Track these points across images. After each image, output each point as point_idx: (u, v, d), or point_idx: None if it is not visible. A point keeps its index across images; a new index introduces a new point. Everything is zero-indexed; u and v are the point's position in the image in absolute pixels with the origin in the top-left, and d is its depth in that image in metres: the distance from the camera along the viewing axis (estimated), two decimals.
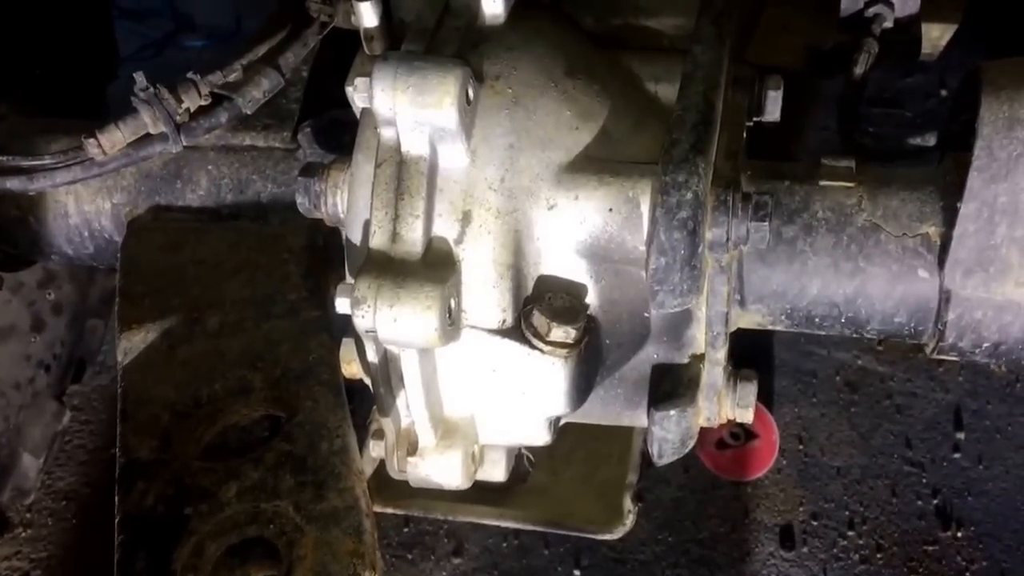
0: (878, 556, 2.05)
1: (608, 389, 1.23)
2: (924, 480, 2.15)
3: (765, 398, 2.27)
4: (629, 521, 1.31)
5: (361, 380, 1.24)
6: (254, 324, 1.16)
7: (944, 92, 2.81)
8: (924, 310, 1.13)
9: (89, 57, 2.01)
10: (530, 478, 1.44)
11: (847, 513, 2.11)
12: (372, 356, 1.10)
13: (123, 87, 1.30)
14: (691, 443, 1.22)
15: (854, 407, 2.28)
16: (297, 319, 1.17)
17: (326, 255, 1.26)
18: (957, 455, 2.18)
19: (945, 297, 1.11)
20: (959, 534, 2.07)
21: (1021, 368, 1.13)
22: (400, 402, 1.13)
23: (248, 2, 3.15)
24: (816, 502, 2.13)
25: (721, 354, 1.18)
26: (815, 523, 2.10)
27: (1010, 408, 2.23)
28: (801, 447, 2.22)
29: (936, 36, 1.65)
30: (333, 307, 1.07)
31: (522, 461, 1.47)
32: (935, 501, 2.12)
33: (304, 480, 0.97)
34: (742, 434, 2.22)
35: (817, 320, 1.18)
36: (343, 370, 1.21)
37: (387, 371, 1.11)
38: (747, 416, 1.23)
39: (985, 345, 1.12)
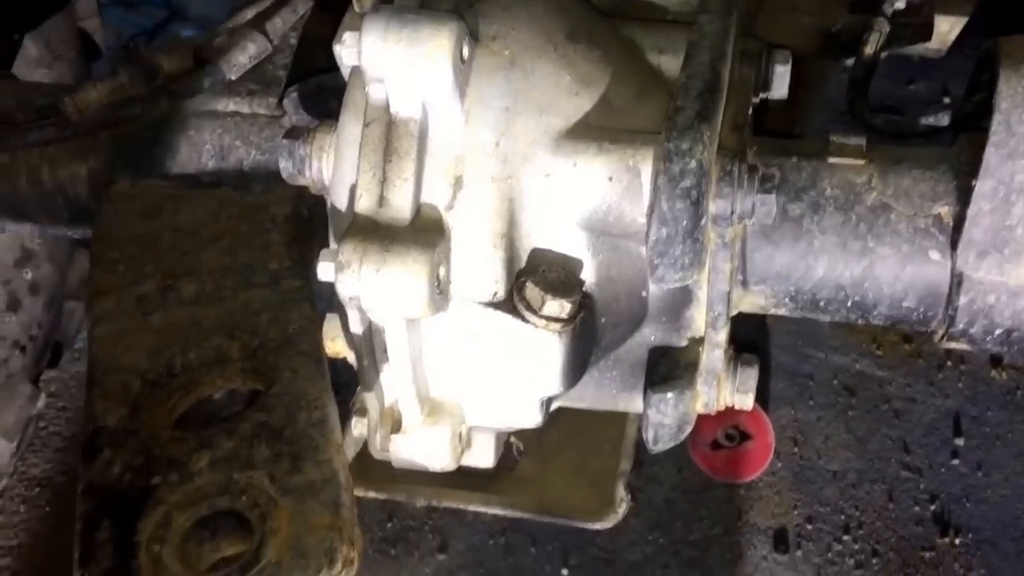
0: (874, 561, 2.00)
1: (603, 371, 1.18)
2: (922, 486, 2.11)
3: (761, 400, 2.23)
4: (621, 510, 1.26)
5: (345, 359, 1.19)
6: (232, 293, 1.10)
7: (947, 99, 2.78)
8: (934, 294, 1.08)
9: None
10: (518, 467, 1.38)
11: (843, 517, 2.07)
12: (356, 327, 1.04)
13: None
14: (688, 429, 1.16)
15: (851, 411, 2.24)
16: (278, 289, 1.11)
17: (310, 226, 1.20)
18: (956, 461, 2.13)
19: (957, 280, 1.06)
20: (957, 541, 2.02)
21: None
22: (384, 377, 1.07)
23: None
24: (811, 505, 2.09)
25: (721, 336, 1.13)
26: (810, 527, 2.05)
27: (1010, 415, 2.19)
28: (796, 450, 2.18)
29: (945, 31, 1.60)
30: (316, 278, 1.02)
31: (510, 450, 1.42)
32: (933, 507, 2.07)
33: (280, 451, 0.92)
34: (737, 435, 2.18)
35: (822, 303, 1.13)
36: (327, 347, 1.16)
37: (371, 344, 1.05)
38: (747, 402, 1.17)
39: (997, 332, 1.07)
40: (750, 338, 2.31)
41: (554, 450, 1.40)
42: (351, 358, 1.17)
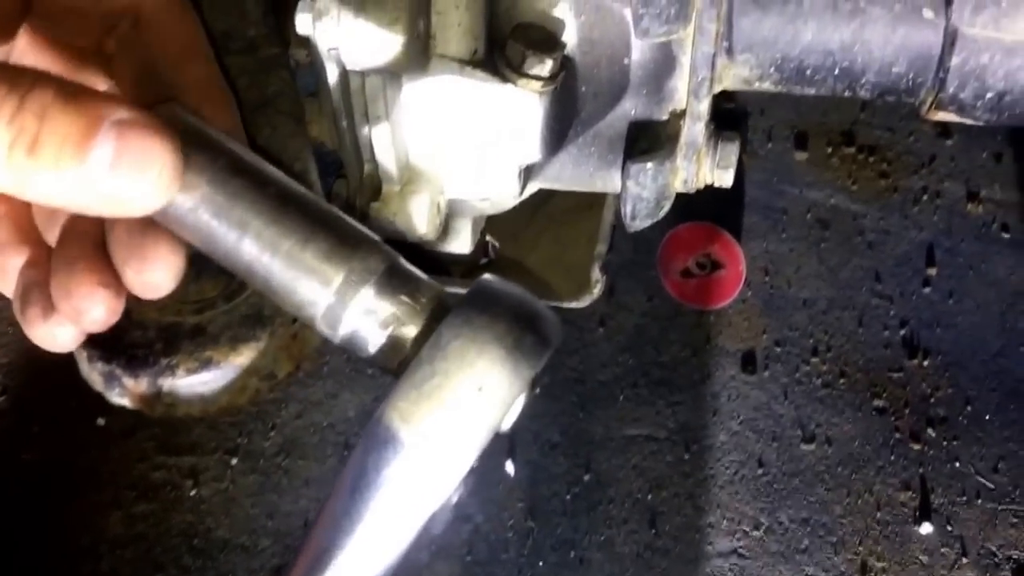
0: (841, 381, 2.03)
1: (582, 147, 1.15)
2: (892, 312, 2.12)
3: (733, 232, 2.22)
4: (597, 290, 1.25)
5: (323, 145, 1.16)
6: None
7: None
8: (925, 56, 1.05)
9: None
10: (494, 263, 1.37)
11: (811, 341, 2.08)
12: (334, 83, 1.01)
13: None
14: (667, 205, 1.15)
15: (824, 243, 2.23)
16: (256, 56, 1.07)
17: None
18: (928, 290, 2.14)
19: (950, 39, 1.03)
20: (925, 363, 2.05)
21: (1022, 123, 1.06)
22: (363, 140, 1.04)
23: None
24: (780, 330, 2.10)
25: (704, 106, 1.10)
26: (778, 349, 2.07)
27: (985, 247, 2.19)
28: (767, 279, 2.18)
29: None
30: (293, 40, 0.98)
31: (486, 247, 1.40)
32: (902, 332, 2.09)
33: None
34: (708, 264, 2.18)
35: (809, 72, 1.10)
36: None
37: (350, 104, 1.02)
38: (726, 179, 1.16)
39: (988, 96, 1.05)
40: None
41: (530, 245, 1.38)
42: (330, 142, 1.14)
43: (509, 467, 1.85)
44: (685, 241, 2.20)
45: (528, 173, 1.11)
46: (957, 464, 1.93)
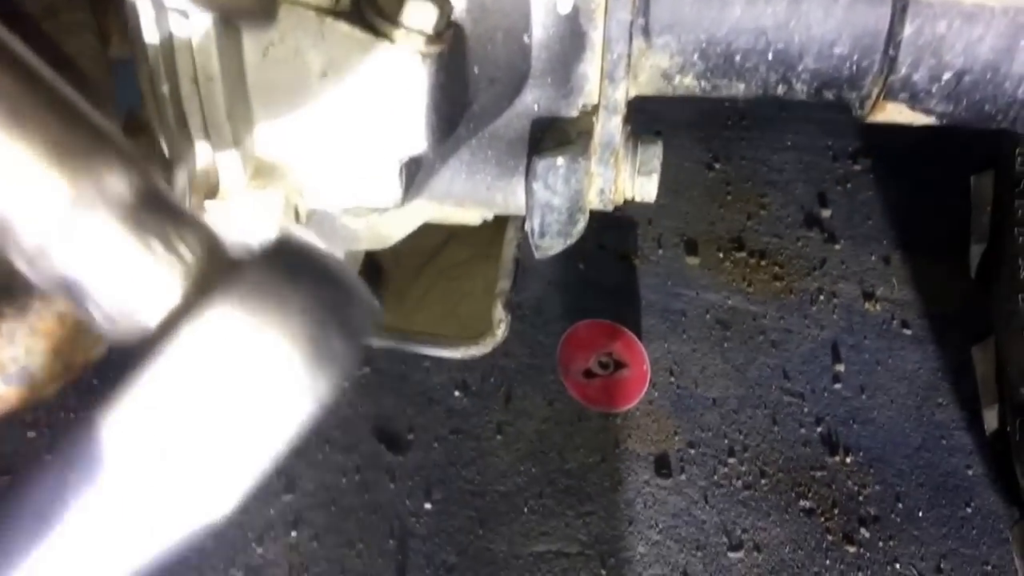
0: (762, 482, 1.83)
1: (476, 151, 0.96)
2: (806, 409, 1.95)
3: (633, 331, 2.05)
4: (501, 332, 1.02)
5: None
6: None
7: None
8: (873, 32, 0.90)
9: None
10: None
11: (726, 441, 1.89)
12: (151, 36, 0.78)
13: None
14: (581, 221, 0.95)
15: (727, 342, 2.08)
16: (55, 22, 0.85)
17: None
18: (838, 386, 2.00)
19: (901, 5, 0.88)
20: (848, 460, 1.87)
21: (981, 117, 0.90)
22: (192, 116, 0.81)
23: None
24: (692, 432, 1.90)
25: (620, 94, 0.92)
26: (692, 451, 1.87)
27: (889, 343, 2.08)
28: (673, 379, 2.00)
29: None
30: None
31: None
32: (819, 429, 1.92)
33: None
34: (611, 363, 1.99)
35: (738, 59, 0.94)
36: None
37: (173, 67, 0.79)
38: (650, 188, 0.97)
39: (946, 77, 0.90)
40: (617, 280, 2.15)
41: (416, 304, 1.16)
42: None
43: None
44: (585, 340, 2.01)
45: (411, 174, 0.90)
46: (897, 566, 1.73)
